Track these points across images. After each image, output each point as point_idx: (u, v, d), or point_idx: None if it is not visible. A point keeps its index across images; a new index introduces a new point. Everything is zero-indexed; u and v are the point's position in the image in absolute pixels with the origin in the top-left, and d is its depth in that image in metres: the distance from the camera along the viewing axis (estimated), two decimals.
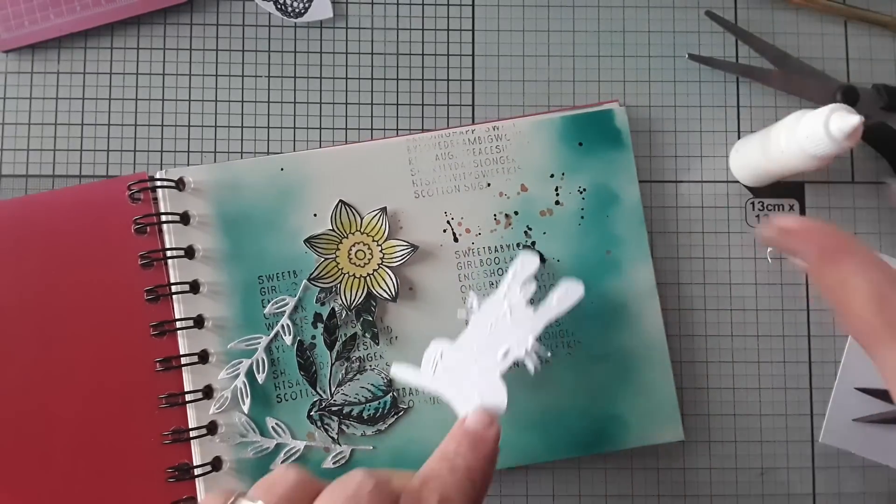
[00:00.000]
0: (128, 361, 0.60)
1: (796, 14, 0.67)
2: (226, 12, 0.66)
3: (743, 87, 0.66)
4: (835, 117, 0.51)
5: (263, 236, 0.61)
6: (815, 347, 0.64)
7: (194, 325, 0.60)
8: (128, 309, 0.61)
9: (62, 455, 0.60)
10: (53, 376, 0.60)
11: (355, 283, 0.61)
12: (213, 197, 0.61)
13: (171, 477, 0.60)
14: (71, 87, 0.66)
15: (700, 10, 0.66)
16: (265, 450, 0.60)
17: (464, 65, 0.66)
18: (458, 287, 0.62)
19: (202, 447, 0.60)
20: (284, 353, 0.61)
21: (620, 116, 0.64)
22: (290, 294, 0.61)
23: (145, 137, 0.65)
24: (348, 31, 0.66)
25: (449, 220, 0.63)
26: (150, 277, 0.61)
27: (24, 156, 0.65)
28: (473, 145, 0.63)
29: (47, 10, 0.64)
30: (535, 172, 0.63)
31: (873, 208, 0.65)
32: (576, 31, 0.67)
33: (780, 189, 0.65)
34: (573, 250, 0.63)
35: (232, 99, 0.66)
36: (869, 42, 0.67)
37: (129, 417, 0.60)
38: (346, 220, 0.61)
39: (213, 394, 0.60)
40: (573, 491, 0.63)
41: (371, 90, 0.66)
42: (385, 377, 0.62)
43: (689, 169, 0.65)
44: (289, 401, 0.61)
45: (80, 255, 0.61)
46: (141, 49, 0.66)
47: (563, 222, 0.63)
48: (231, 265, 0.61)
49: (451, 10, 0.66)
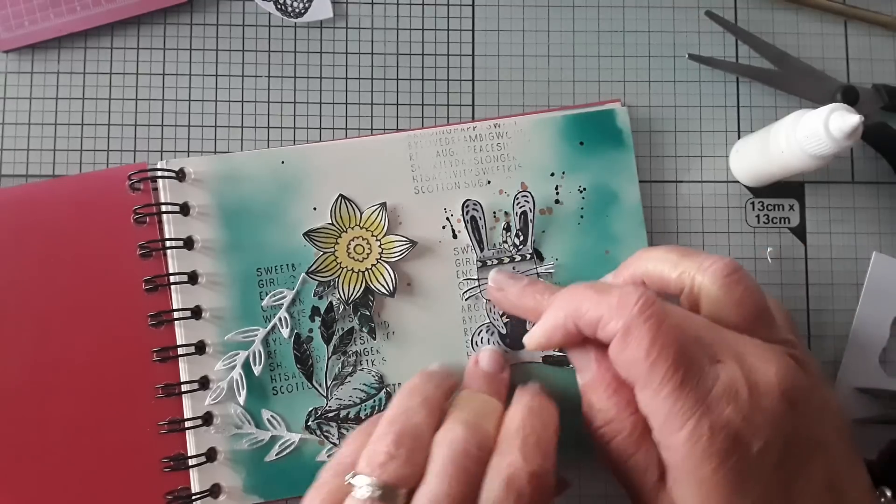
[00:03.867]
0: (125, 351, 0.62)
1: (796, 14, 0.69)
2: (226, 12, 0.68)
3: (743, 87, 0.68)
4: (835, 117, 0.53)
5: (263, 229, 0.63)
6: (814, 347, 0.66)
7: (192, 316, 0.62)
8: (126, 298, 0.62)
9: (57, 443, 0.61)
10: (50, 364, 0.62)
11: (353, 277, 0.63)
12: (214, 188, 0.63)
13: (167, 467, 0.61)
14: (71, 87, 0.67)
15: (700, 10, 0.68)
16: (260, 442, 0.62)
17: (464, 65, 0.68)
18: (457, 283, 0.64)
19: (197, 437, 0.62)
20: (281, 345, 0.63)
21: (622, 116, 0.66)
22: (288, 287, 0.63)
23: (145, 137, 0.67)
24: (348, 31, 0.68)
25: (448, 216, 0.64)
26: (148, 267, 0.62)
27: (24, 156, 0.66)
28: (474, 142, 0.65)
29: (47, 10, 0.66)
30: (535, 170, 0.65)
31: (873, 208, 0.67)
32: (576, 31, 0.69)
33: (780, 189, 0.67)
34: (572, 249, 0.65)
35: (232, 99, 0.67)
36: (869, 42, 0.69)
37: (126, 406, 0.62)
38: (346, 215, 0.63)
39: (210, 385, 0.62)
40: (573, 491, 0.65)
41: (371, 90, 0.68)
42: (377, 375, 0.63)
43: (689, 169, 0.67)
44: (285, 393, 0.63)
45: (78, 243, 0.63)
46: (141, 49, 0.68)
47: (563, 221, 0.65)
48: (230, 257, 0.63)
49: (451, 10, 0.68)
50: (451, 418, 0.51)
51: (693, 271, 0.51)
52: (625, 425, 0.48)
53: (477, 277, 0.64)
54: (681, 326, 0.46)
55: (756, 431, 0.44)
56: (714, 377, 0.45)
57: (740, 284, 0.50)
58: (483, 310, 0.64)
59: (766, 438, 0.44)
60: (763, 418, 0.44)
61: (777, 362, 0.46)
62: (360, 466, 0.49)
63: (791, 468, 0.45)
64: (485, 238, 0.64)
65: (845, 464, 0.48)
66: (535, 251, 0.64)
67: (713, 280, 0.49)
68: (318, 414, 0.63)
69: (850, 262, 0.67)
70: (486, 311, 0.64)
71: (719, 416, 0.44)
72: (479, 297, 0.64)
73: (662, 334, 0.45)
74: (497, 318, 0.64)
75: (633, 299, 0.46)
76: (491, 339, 0.64)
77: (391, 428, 0.50)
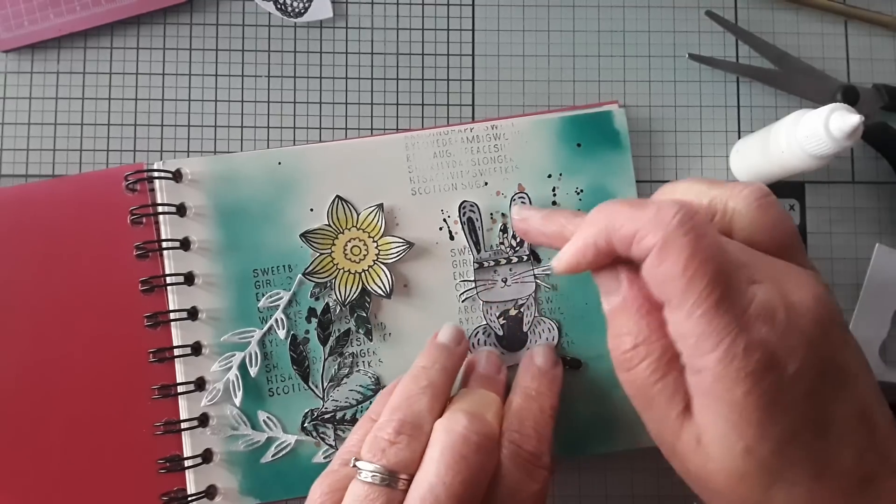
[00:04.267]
0: (121, 351, 0.62)
1: (796, 14, 0.69)
2: (226, 12, 0.68)
3: (743, 87, 0.68)
4: (835, 117, 0.53)
5: (259, 230, 0.63)
6: None
7: (188, 317, 0.63)
8: (122, 299, 0.63)
9: (54, 443, 0.62)
10: (46, 365, 0.62)
11: (350, 278, 0.63)
12: (210, 189, 0.64)
13: (163, 468, 0.62)
14: (71, 87, 0.67)
15: (700, 10, 0.69)
16: (256, 443, 0.62)
17: (464, 65, 0.68)
18: (453, 285, 0.64)
19: (193, 439, 0.62)
20: (278, 346, 0.63)
21: (619, 118, 0.66)
22: (284, 288, 0.63)
23: (145, 137, 0.67)
24: (348, 31, 0.68)
25: (445, 217, 0.65)
26: (145, 268, 0.63)
27: (24, 156, 0.67)
28: (471, 144, 0.65)
29: (47, 10, 0.66)
30: (532, 172, 0.65)
31: (873, 208, 0.67)
32: (576, 31, 0.69)
33: (781, 189, 0.67)
34: None
35: (232, 99, 0.68)
36: (869, 42, 0.69)
37: (122, 407, 0.62)
38: (343, 216, 0.64)
39: (206, 386, 0.63)
40: (573, 491, 0.65)
41: (371, 90, 0.68)
42: (373, 376, 0.64)
43: (689, 169, 0.67)
44: (281, 395, 0.63)
45: (75, 244, 0.63)
46: (141, 49, 0.68)
47: None
48: (226, 258, 0.63)
49: (451, 10, 0.69)
50: (454, 408, 0.53)
51: (725, 197, 0.49)
52: (654, 348, 0.46)
53: (474, 279, 0.64)
54: (720, 243, 0.44)
55: (792, 353, 0.43)
56: (751, 297, 0.43)
57: (773, 208, 0.48)
58: (480, 311, 0.64)
59: (802, 361, 0.43)
60: (799, 340, 0.43)
61: (813, 287, 0.45)
62: (363, 453, 0.50)
63: (825, 394, 0.44)
64: (482, 239, 0.64)
65: (874, 395, 0.46)
66: (532, 252, 0.64)
67: (747, 204, 0.48)
68: (315, 415, 0.63)
69: (850, 262, 0.67)
70: (483, 313, 0.64)
71: (755, 336, 0.42)
72: (475, 298, 0.64)
73: (702, 249, 0.43)
74: (494, 320, 0.64)
75: (672, 212, 0.44)
76: (488, 340, 0.64)
77: (394, 416, 0.52)
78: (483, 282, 0.64)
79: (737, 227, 0.49)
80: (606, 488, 0.65)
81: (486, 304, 0.64)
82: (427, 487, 0.47)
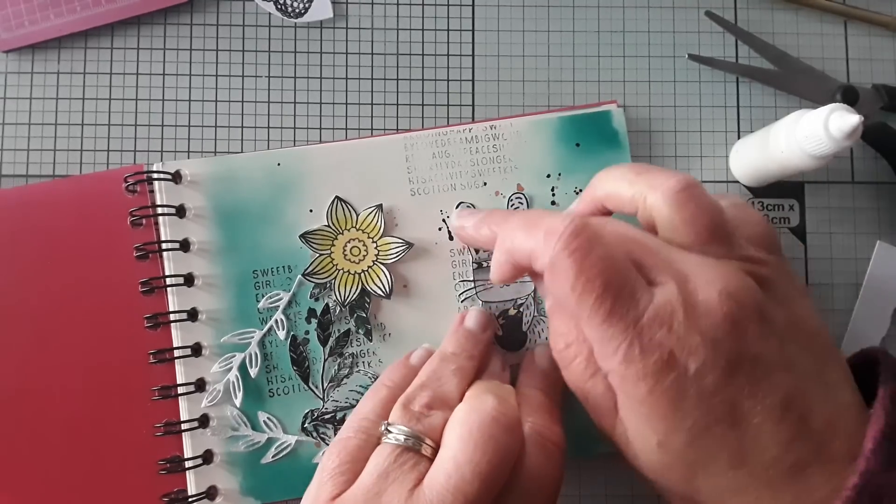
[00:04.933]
0: (121, 353, 0.63)
1: (796, 14, 0.69)
2: (226, 12, 0.68)
3: (743, 87, 0.69)
4: (834, 117, 0.53)
5: (259, 230, 0.64)
6: None
7: (188, 318, 0.63)
8: (122, 300, 0.63)
9: (54, 444, 0.62)
10: (47, 366, 0.63)
11: (350, 279, 0.64)
12: (210, 190, 0.64)
13: (163, 469, 0.62)
14: (71, 87, 0.68)
15: (700, 10, 0.69)
16: (256, 444, 0.63)
17: (464, 65, 0.69)
18: (453, 285, 0.65)
19: (194, 440, 0.63)
20: (277, 347, 0.63)
21: (618, 118, 0.66)
22: (284, 289, 0.63)
23: (145, 138, 0.67)
24: (348, 31, 0.69)
25: (444, 218, 0.65)
26: (145, 269, 0.63)
27: (24, 156, 0.67)
28: (470, 144, 0.65)
29: (47, 10, 0.66)
30: (531, 172, 0.65)
31: (873, 208, 0.68)
32: (576, 31, 0.69)
33: (780, 189, 0.67)
34: None
35: (232, 99, 0.68)
36: (869, 42, 0.69)
37: (122, 408, 0.62)
38: (342, 217, 0.64)
39: (206, 387, 0.63)
40: (573, 491, 0.65)
41: (371, 90, 0.68)
42: (373, 376, 0.64)
43: (688, 169, 0.68)
44: (281, 395, 0.63)
45: (75, 245, 0.63)
46: (141, 49, 0.68)
47: None
48: (226, 259, 0.63)
49: (451, 10, 0.69)
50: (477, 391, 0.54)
51: (645, 190, 0.50)
52: (583, 347, 0.49)
53: (473, 279, 0.64)
54: (610, 255, 0.45)
55: (693, 352, 0.44)
56: (647, 301, 0.45)
57: (691, 201, 0.48)
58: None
59: (705, 359, 0.44)
60: (700, 339, 0.44)
61: (724, 281, 0.46)
62: (395, 417, 0.52)
63: (737, 388, 0.44)
64: None
65: (813, 383, 0.46)
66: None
67: (664, 198, 0.48)
68: (315, 416, 0.63)
69: (849, 262, 0.67)
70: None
71: (651, 339, 0.44)
72: (475, 298, 0.64)
73: (587, 268, 0.45)
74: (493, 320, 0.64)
75: (558, 232, 0.46)
76: None
77: (424, 391, 0.54)
78: (482, 282, 0.64)
79: (657, 221, 0.50)
80: (606, 488, 0.65)
81: (486, 304, 0.64)
82: (453, 465, 0.47)
